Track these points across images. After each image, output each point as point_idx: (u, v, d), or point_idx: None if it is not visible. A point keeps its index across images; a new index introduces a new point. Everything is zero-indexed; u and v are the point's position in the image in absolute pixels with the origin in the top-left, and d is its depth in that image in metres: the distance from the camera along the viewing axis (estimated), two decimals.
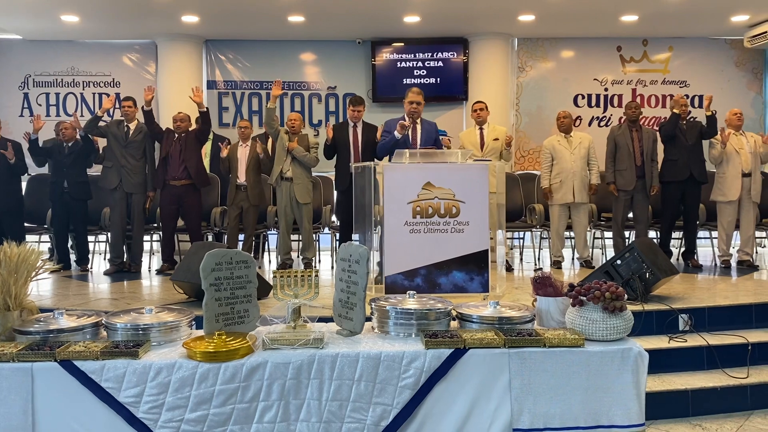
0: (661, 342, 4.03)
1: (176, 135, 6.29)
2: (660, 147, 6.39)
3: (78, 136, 6.37)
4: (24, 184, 6.67)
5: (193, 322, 2.50)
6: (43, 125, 6.38)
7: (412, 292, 2.57)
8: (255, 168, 6.43)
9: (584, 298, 2.31)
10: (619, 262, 4.52)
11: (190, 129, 6.37)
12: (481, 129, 6.33)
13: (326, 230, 7.00)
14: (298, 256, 6.79)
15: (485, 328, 2.35)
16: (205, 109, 6.29)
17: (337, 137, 6.18)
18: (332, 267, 6.30)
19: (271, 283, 2.68)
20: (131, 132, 6.29)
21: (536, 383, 2.19)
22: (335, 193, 6.82)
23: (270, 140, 6.89)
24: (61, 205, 6.38)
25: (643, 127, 6.44)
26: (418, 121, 5.39)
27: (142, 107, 6.24)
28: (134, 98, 6.49)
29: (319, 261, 6.88)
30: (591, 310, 2.28)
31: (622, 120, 6.53)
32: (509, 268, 6.40)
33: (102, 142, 6.53)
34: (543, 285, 2.48)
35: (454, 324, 2.49)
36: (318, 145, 6.37)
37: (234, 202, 6.42)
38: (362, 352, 2.20)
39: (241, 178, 6.40)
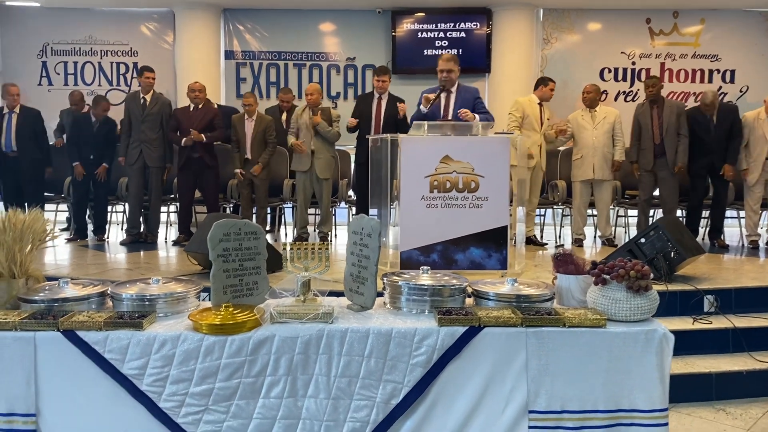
0: (685, 323, 3.91)
1: (191, 107, 6.23)
2: None
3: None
4: None
5: (205, 294, 2.43)
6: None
7: (426, 267, 2.48)
8: (260, 143, 6.37)
9: (608, 276, 2.19)
10: (643, 240, 4.38)
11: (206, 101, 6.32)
12: (540, 105, 6.11)
13: (343, 204, 6.92)
14: (314, 230, 6.73)
15: (502, 305, 2.26)
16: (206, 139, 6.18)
17: (361, 108, 6.08)
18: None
19: None
20: (148, 103, 6.24)
21: (554, 364, 2.10)
22: (353, 166, 6.73)
23: (284, 114, 6.83)
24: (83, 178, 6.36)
25: (666, 101, 6.18)
26: (453, 89, 5.04)
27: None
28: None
29: (336, 235, 6.81)
30: (614, 289, 2.17)
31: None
32: (538, 243, 6.24)
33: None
34: (564, 262, 2.36)
35: (469, 301, 2.39)
36: (339, 117, 6.28)
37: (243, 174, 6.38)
38: (373, 328, 2.11)
39: (247, 152, 6.35)
